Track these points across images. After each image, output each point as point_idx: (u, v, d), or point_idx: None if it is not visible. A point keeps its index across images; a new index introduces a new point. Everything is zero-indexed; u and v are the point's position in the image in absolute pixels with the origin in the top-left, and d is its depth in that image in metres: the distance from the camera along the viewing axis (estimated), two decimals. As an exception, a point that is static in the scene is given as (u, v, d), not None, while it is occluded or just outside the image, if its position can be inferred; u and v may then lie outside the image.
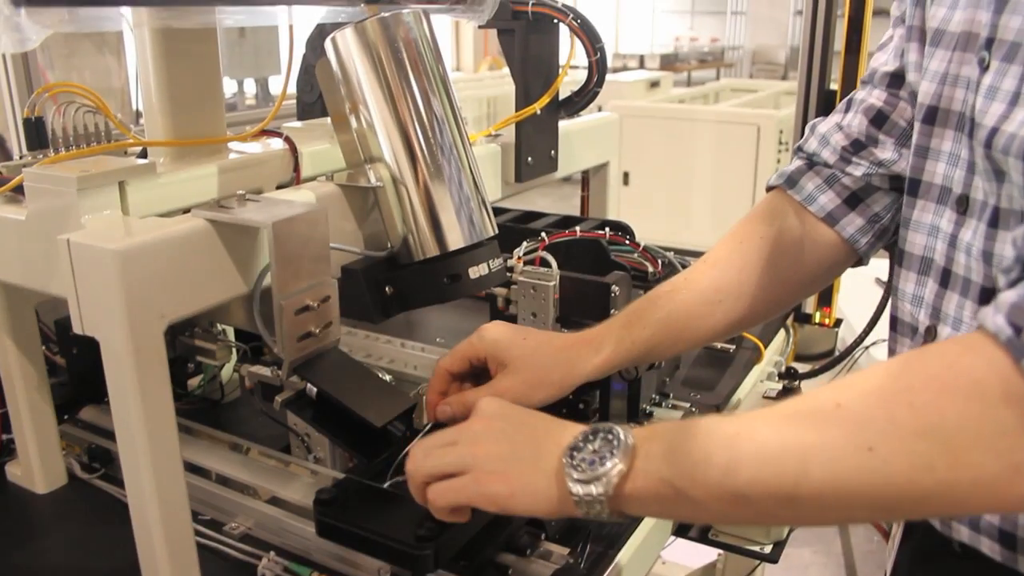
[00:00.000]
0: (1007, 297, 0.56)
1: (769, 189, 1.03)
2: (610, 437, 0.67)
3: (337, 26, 0.93)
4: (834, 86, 2.44)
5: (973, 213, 0.75)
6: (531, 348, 0.92)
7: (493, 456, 0.73)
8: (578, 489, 0.66)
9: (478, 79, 7.74)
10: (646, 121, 5.14)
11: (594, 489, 0.66)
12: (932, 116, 0.82)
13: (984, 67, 0.72)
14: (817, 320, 1.92)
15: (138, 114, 4.68)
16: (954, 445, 0.54)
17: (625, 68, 9.94)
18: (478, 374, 0.95)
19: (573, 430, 0.71)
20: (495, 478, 0.71)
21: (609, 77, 1.36)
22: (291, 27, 0.98)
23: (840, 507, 0.59)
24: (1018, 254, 0.60)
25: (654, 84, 6.16)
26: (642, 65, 10.43)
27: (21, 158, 1.06)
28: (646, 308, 0.97)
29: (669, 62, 10.91)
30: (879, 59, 0.96)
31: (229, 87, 5.12)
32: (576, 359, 0.93)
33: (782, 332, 1.56)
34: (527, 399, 0.89)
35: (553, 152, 1.36)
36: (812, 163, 0.99)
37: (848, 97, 0.98)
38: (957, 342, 0.60)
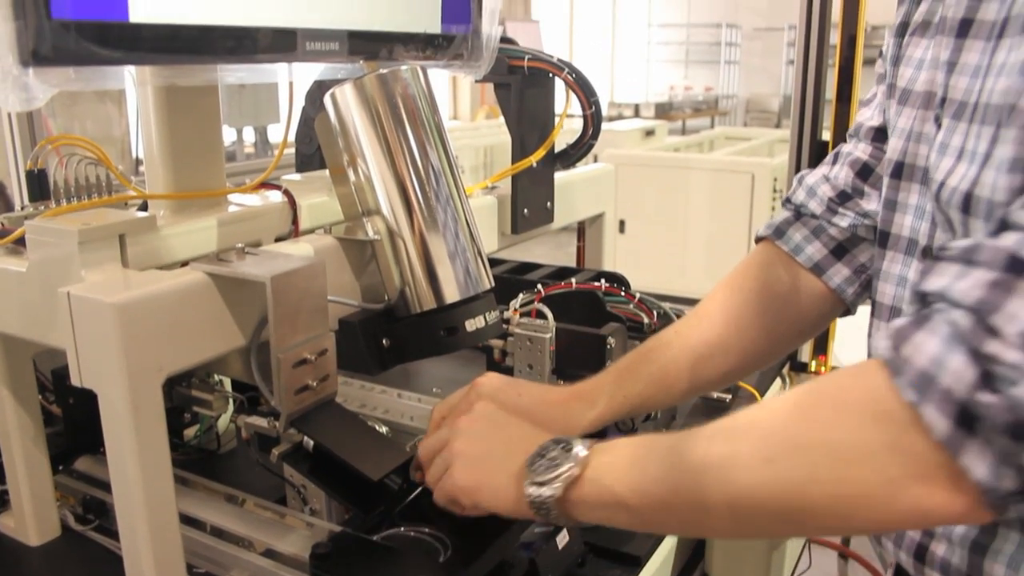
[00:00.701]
0: (894, 323, 0.59)
1: (758, 240, 1.04)
2: (567, 447, 0.76)
3: (336, 81, 0.95)
4: (826, 135, 2.48)
5: None
6: (526, 404, 0.95)
7: (468, 453, 0.84)
8: (532, 490, 0.75)
9: (475, 128, 7.81)
10: (642, 169, 5.18)
11: (545, 491, 0.74)
12: (899, 171, 0.84)
13: (938, 125, 0.74)
14: (813, 368, 1.93)
15: (138, 161, 4.72)
16: (839, 460, 0.58)
17: (620, 117, 10.05)
18: None
19: (543, 439, 0.79)
20: (466, 472, 0.82)
21: (605, 126, 1.38)
22: (291, 83, 0.99)
23: (752, 517, 0.64)
24: (913, 288, 0.63)
25: (649, 133, 6.23)
26: (637, 114, 10.54)
27: (23, 209, 1.07)
28: (638, 362, 0.99)
29: (664, 111, 11.03)
30: (864, 114, 0.99)
31: (228, 135, 5.17)
32: (571, 414, 0.96)
33: (778, 381, 1.56)
34: None
35: (549, 204, 1.38)
36: (800, 214, 1.01)
37: (835, 150, 1.01)
38: (855, 364, 0.64)
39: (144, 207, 1.04)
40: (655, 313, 1.26)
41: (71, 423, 1.21)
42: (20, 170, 2.03)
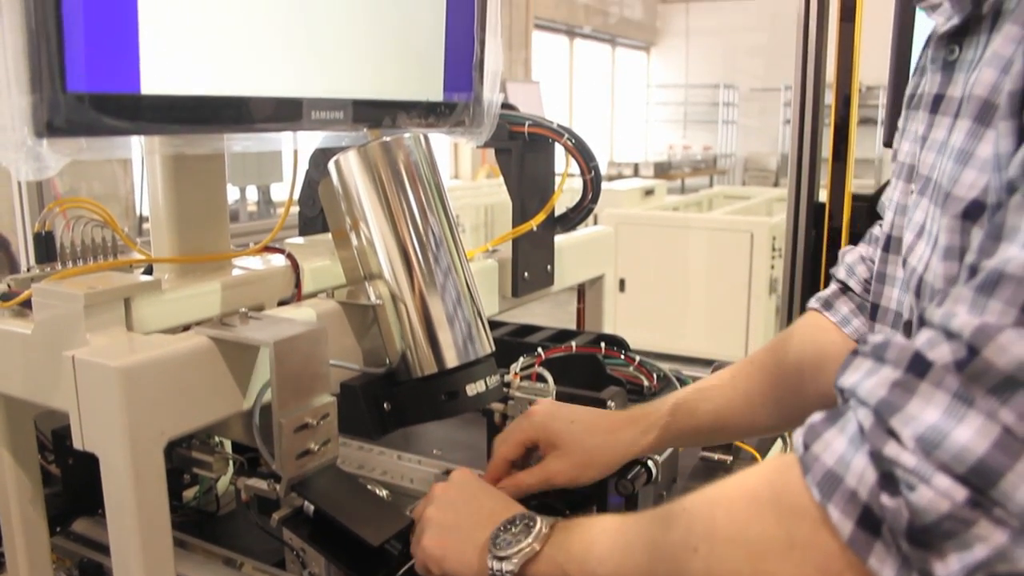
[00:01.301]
0: (811, 418, 0.61)
1: (807, 311, 1.07)
2: (531, 524, 0.80)
3: (340, 148, 0.97)
4: (823, 194, 2.50)
5: None
6: (580, 431, 1.00)
7: (439, 521, 0.87)
8: (493, 564, 0.78)
9: (476, 187, 7.88)
10: (641, 229, 5.22)
11: (505, 566, 0.78)
12: (888, 244, 0.86)
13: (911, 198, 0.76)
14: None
15: (142, 219, 4.75)
16: (756, 554, 0.59)
17: (620, 176, 10.14)
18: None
19: (511, 512, 0.83)
20: (435, 540, 0.86)
21: (605, 185, 1.41)
22: (295, 151, 1.01)
23: None
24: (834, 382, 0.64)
25: (649, 192, 6.29)
26: (636, 173, 10.64)
27: (29, 270, 1.08)
28: (694, 399, 1.04)
29: (663, 170, 11.15)
30: (888, 194, 1.01)
31: (231, 194, 5.22)
32: (624, 441, 1.01)
33: (779, 442, 1.56)
34: (578, 480, 1.00)
35: (549, 267, 1.39)
36: (846, 287, 1.04)
37: (870, 229, 1.03)
38: (781, 457, 0.66)
39: (149, 270, 1.05)
40: (655, 376, 1.26)
41: (70, 484, 1.20)
42: (27, 229, 2.05)
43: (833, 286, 1.06)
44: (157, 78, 0.76)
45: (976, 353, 0.50)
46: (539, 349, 1.23)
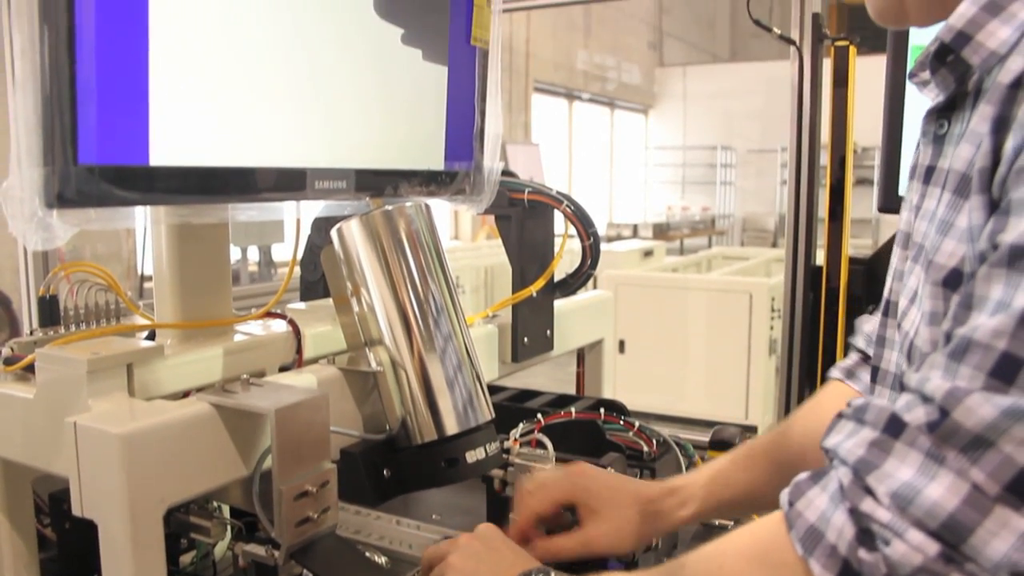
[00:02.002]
0: (796, 477, 0.65)
1: (829, 380, 1.08)
2: None
3: (341, 212, 0.99)
4: (820, 254, 2.52)
5: None
6: (620, 500, 1.02)
7: (460, 568, 0.90)
8: None
9: (476, 248, 7.93)
10: (641, 290, 5.24)
11: None
12: (888, 308, 0.87)
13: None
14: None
15: (143, 278, 4.76)
16: None
17: (619, 237, 10.21)
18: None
19: (529, 566, 0.86)
20: None
21: (604, 247, 1.42)
22: (298, 220, 1.03)
23: None
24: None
25: (648, 253, 6.32)
26: (636, 234, 10.72)
27: (32, 333, 1.09)
28: (730, 470, 1.05)
29: (662, 231, 11.23)
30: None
31: (233, 254, 5.25)
32: (664, 512, 1.03)
33: (780, 509, 1.55)
34: (616, 548, 1.01)
35: (549, 332, 1.40)
36: (866, 356, 1.04)
37: (885, 298, 1.05)
38: (771, 514, 0.69)
39: (152, 335, 1.06)
40: (654, 441, 1.26)
41: (66, 550, 1.19)
42: (31, 286, 2.06)
43: (853, 355, 1.06)
44: (165, 150, 0.78)
45: (947, 415, 0.54)
46: (539, 415, 1.23)
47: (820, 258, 2.54)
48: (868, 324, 1.05)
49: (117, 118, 0.75)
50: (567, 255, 1.40)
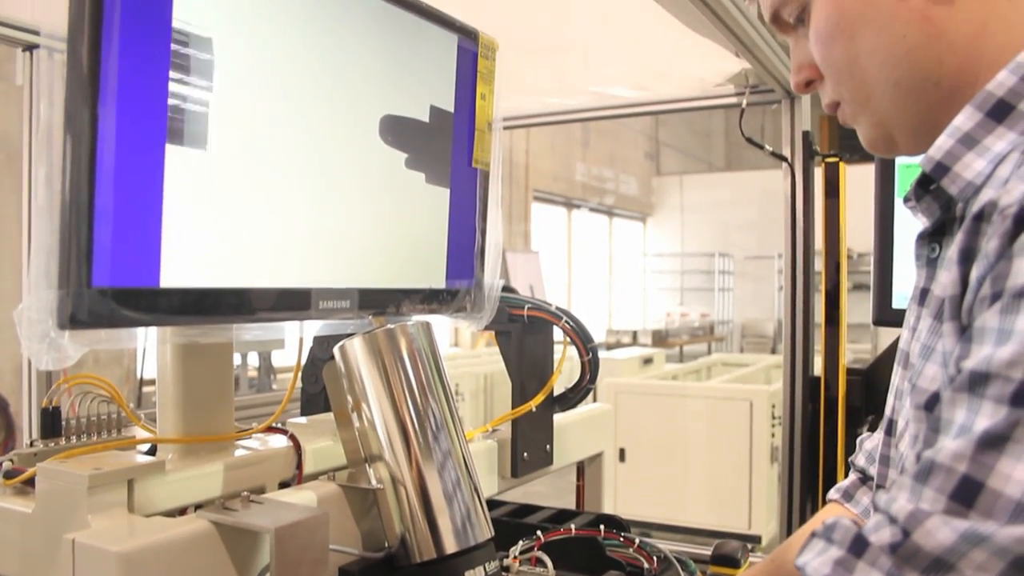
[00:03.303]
0: None
1: (828, 502, 1.07)
2: None
3: (343, 329, 1.01)
4: (819, 361, 2.53)
5: None
6: None
7: None
8: None
9: (475, 355, 7.93)
10: (641, 398, 5.22)
11: None
12: (890, 428, 0.88)
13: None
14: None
15: (142, 382, 4.73)
16: None
17: (619, 343, 10.21)
18: None
19: None
20: None
21: (603, 354, 1.44)
22: (300, 339, 1.05)
23: None
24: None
25: (647, 361, 6.33)
26: (635, 340, 10.72)
27: (32, 444, 1.10)
28: None
29: (661, 337, 11.23)
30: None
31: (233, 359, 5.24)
32: None
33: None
34: None
35: (548, 446, 1.40)
36: (865, 476, 1.04)
37: (887, 416, 1.06)
38: None
39: (153, 448, 1.06)
40: (655, 558, 1.25)
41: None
42: (34, 394, 2.06)
43: (852, 476, 1.06)
44: (175, 273, 0.81)
45: (908, 536, 0.56)
46: (538, 532, 1.22)
47: (818, 365, 2.55)
48: (869, 442, 1.06)
49: (131, 242, 0.77)
50: (567, 362, 1.41)
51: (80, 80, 0.73)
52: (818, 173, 2.44)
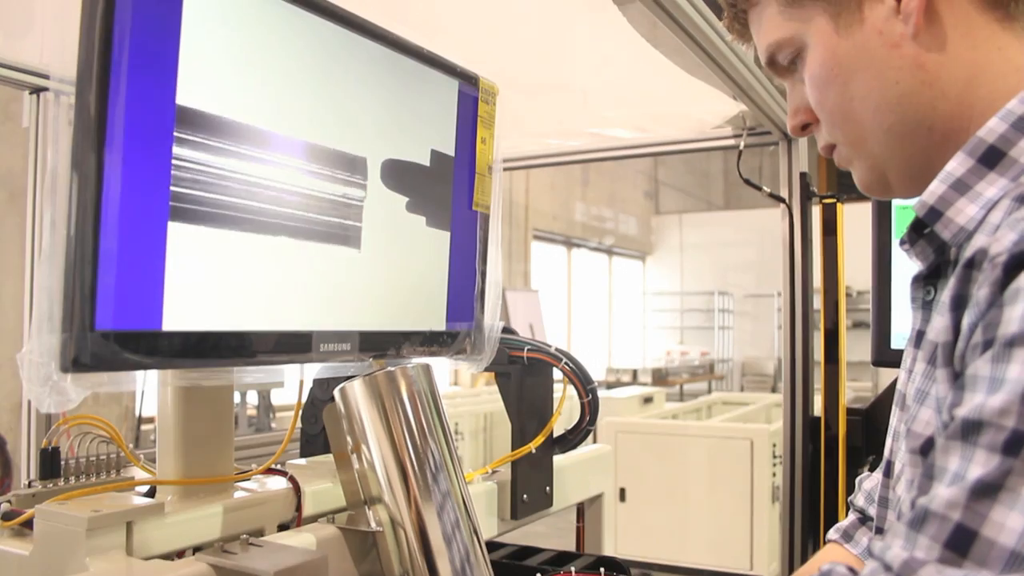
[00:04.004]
0: None
1: (827, 543, 1.07)
2: None
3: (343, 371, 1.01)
4: (818, 400, 2.53)
5: None
6: None
7: None
8: None
9: (475, 394, 7.91)
10: (641, 437, 5.20)
11: None
12: (888, 469, 0.88)
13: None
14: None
15: (140, 420, 4.71)
16: None
17: (619, 382, 10.18)
18: None
19: None
20: None
21: (603, 393, 1.44)
22: (300, 381, 1.06)
23: None
24: None
25: (648, 400, 6.30)
26: (635, 379, 10.69)
27: (30, 485, 1.09)
28: None
29: (661, 376, 11.20)
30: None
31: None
32: None
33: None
34: None
35: (548, 488, 1.40)
36: (865, 516, 1.04)
37: (886, 458, 1.06)
38: None
39: (152, 490, 1.06)
40: (654, 601, 1.25)
41: None
42: (33, 433, 2.06)
43: (852, 516, 1.06)
44: (178, 316, 0.82)
45: None
46: (538, 574, 1.22)
47: (819, 404, 2.55)
48: (868, 482, 1.06)
49: (135, 286, 0.78)
50: (567, 402, 1.41)
51: (87, 126, 0.75)
52: (816, 212, 2.45)
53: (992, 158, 0.71)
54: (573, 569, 1.24)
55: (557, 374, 1.38)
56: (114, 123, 0.76)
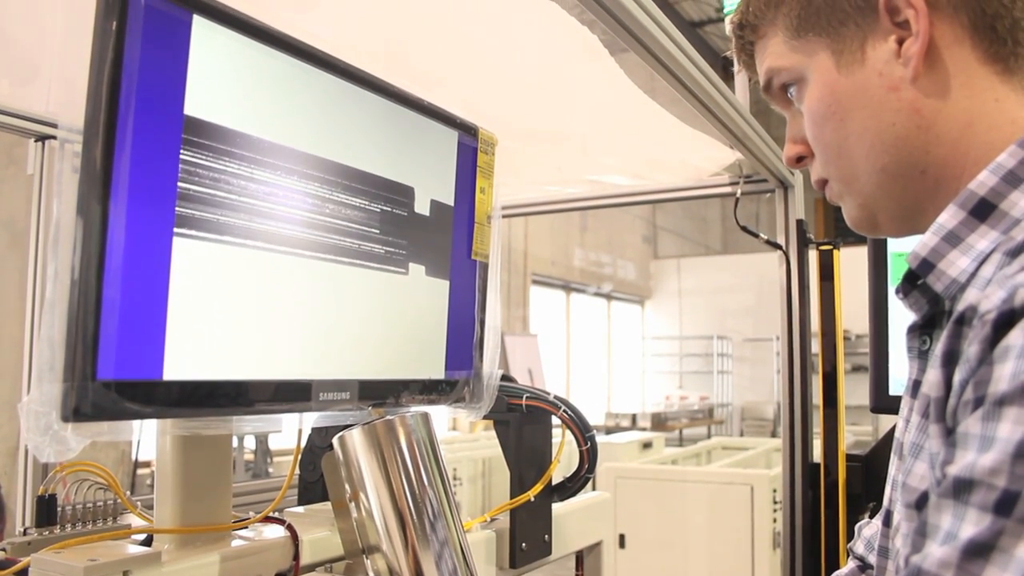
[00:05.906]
0: None
1: None
2: None
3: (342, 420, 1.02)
4: (817, 445, 2.52)
5: None
6: None
7: None
8: None
9: (474, 439, 7.87)
10: (641, 483, 5.16)
11: None
12: (887, 519, 0.88)
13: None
14: None
15: (136, 464, 4.68)
16: None
17: (618, 427, 10.14)
18: None
19: None
20: None
21: (602, 439, 1.43)
22: (299, 430, 1.06)
23: None
24: None
25: (647, 445, 6.27)
26: (634, 423, 10.65)
27: (25, 533, 1.09)
28: None
29: (660, 421, 11.16)
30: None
31: (229, 444, 5.20)
32: None
33: None
34: None
35: (547, 536, 1.39)
36: (864, 564, 1.04)
37: (885, 507, 1.06)
38: None
39: (149, 538, 1.06)
40: (654, 652, 1.23)
41: None
42: (29, 477, 2.05)
43: (852, 563, 1.05)
44: (178, 366, 0.82)
45: None
46: (536, 624, 1.21)
47: (818, 448, 2.54)
48: (868, 529, 1.06)
49: (136, 337, 0.79)
50: (566, 447, 1.41)
51: (93, 176, 0.76)
52: (813, 256, 2.47)
53: (983, 211, 0.72)
54: (572, 619, 1.23)
55: (556, 421, 1.38)
56: (119, 174, 0.77)
